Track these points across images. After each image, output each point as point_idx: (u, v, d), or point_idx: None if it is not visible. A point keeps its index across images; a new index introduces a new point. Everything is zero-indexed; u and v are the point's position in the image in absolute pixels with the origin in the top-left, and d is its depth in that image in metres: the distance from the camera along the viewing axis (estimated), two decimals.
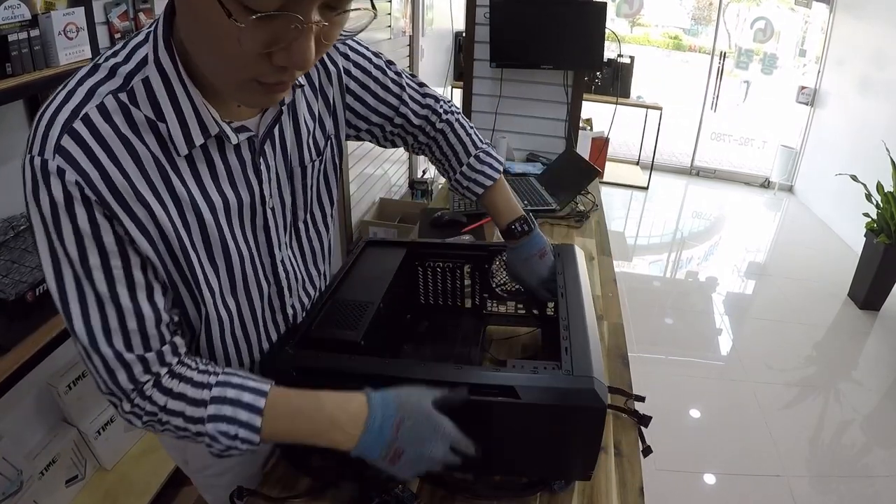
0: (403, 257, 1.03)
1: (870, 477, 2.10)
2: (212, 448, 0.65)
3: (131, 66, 0.57)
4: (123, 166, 0.56)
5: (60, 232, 0.55)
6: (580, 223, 1.84)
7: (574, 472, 0.77)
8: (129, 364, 0.61)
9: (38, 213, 0.55)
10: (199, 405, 0.63)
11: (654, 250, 4.15)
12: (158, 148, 0.59)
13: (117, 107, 0.56)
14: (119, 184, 0.56)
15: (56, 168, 0.53)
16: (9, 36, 0.94)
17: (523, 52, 2.26)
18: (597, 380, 0.69)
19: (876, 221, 3.16)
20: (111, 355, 0.60)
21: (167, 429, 0.65)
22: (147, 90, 0.57)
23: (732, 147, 6.27)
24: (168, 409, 0.64)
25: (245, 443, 0.64)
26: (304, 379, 0.72)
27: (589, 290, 0.92)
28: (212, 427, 0.63)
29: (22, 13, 0.96)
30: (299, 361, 0.75)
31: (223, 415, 0.63)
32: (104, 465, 1.45)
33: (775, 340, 2.95)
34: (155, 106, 0.57)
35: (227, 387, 0.65)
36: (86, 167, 0.54)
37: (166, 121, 0.58)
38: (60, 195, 0.54)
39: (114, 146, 0.56)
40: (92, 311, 0.58)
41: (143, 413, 0.64)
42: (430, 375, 0.71)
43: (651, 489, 0.92)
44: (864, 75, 4.34)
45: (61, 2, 1.04)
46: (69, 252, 0.56)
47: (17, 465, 1.19)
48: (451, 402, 0.68)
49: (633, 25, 9.85)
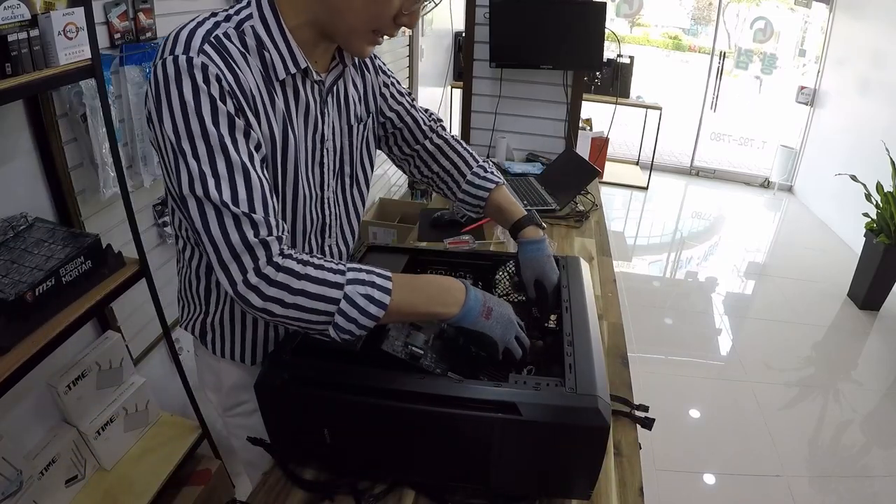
0: (405, 264, 1.02)
1: (869, 477, 2.10)
2: (337, 320, 0.70)
3: (241, 16, 0.74)
4: (246, 75, 0.71)
5: (200, 109, 0.66)
6: (580, 223, 1.84)
7: (574, 491, 0.76)
8: (257, 223, 0.68)
9: (178, 98, 0.66)
10: (338, 273, 0.70)
11: (654, 250, 4.16)
12: (264, 71, 0.74)
13: (237, 36, 0.72)
14: (245, 85, 0.71)
15: (200, 63, 0.67)
16: (8, 36, 0.94)
17: (523, 52, 2.27)
18: (600, 398, 0.68)
19: (876, 221, 3.16)
20: (242, 213, 0.67)
21: (296, 301, 0.68)
22: (254, 32, 0.73)
23: (732, 147, 6.28)
24: (308, 275, 0.69)
25: (377, 306, 0.70)
26: (299, 388, 0.72)
27: (594, 304, 0.91)
28: (351, 289, 0.70)
29: (21, 13, 0.96)
30: (295, 370, 0.74)
31: (361, 279, 0.71)
32: (104, 465, 1.45)
33: (775, 340, 2.95)
34: (260, 42, 0.73)
35: (356, 264, 0.74)
36: (222, 67, 0.68)
37: (269, 50, 0.73)
38: (202, 81, 0.66)
39: (238, 61, 0.71)
40: (221, 174, 0.67)
41: (272, 283, 0.67)
42: (429, 389, 0.70)
43: (651, 489, 0.92)
44: (864, 75, 4.34)
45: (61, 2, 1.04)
46: (206, 125, 0.66)
47: (17, 465, 1.19)
48: None
49: (632, 25, 9.86)
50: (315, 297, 0.68)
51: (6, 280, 1.04)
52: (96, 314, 1.36)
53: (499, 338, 0.79)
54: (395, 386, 0.71)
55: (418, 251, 1.08)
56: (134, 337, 1.57)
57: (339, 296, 0.69)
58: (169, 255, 1.64)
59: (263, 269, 0.67)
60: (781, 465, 2.12)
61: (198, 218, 0.68)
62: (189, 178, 0.67)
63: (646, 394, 1.03)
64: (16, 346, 1.00)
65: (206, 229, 0.68)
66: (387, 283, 0.72)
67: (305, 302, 0.68)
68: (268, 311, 0.68)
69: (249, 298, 0.67)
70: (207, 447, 1.64)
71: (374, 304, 0.70)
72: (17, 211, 1.20)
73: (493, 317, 0.78)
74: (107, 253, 1.20)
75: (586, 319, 0.84)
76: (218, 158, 0.67)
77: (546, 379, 0.72)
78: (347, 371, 0.73)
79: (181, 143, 0.67)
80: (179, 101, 0.66)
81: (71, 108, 1.25)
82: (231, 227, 0.67)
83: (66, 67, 1.04)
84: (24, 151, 1.20)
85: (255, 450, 0.87)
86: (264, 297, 0.67)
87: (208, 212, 0.67)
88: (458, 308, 0.76)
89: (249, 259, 0.67)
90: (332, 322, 0.70)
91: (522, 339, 0.82)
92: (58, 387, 1.32)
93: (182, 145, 0.67)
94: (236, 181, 0.68)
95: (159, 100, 0.67)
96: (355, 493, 0.79)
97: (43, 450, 1.30)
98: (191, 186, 0.67)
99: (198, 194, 0.67)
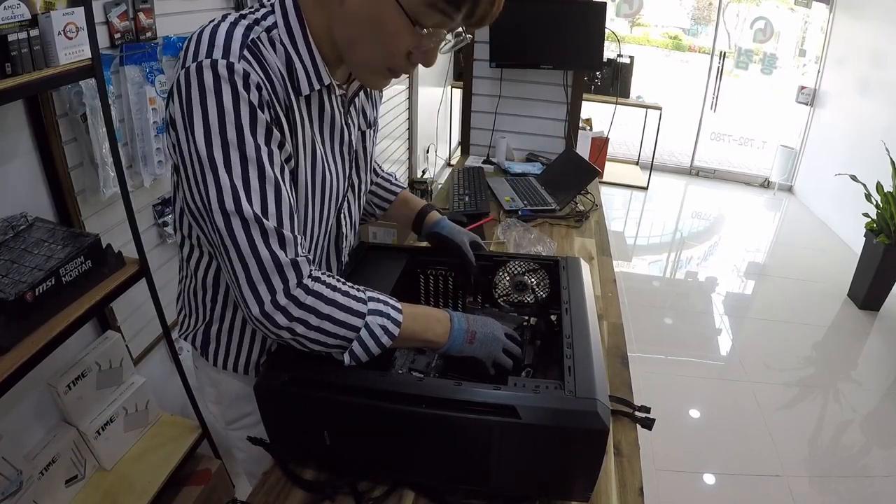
0: (405, 264, 1.02)
1: (869, 477, 2.10)
2: (354, 347, 0.71)
3: (268, 23, 0.71)
4: (280, 85, 0.69)
5: (239, 118, 0.64)
6: (580, 223, 1.84)
7: (574, 493, 0.76)
8: (286, 241, 0.67)
9: (216, 106, 0.63)
10: (361, 302, 0.72)
11: (654, 250, 4.16)
12: (291, 83, 0.72)
13: (268, 43, 0.69)
14: (280, 96, 0.69)
15: (242, 70, 0.64)
16: (8, 36, 0.94)
17: (523, 52, 2.26)
18: (599, 402, 0.68)
19: (876, 221, 3.16)
20: (272, 228, 0.66)
21: (321, 325, 0.68)
22: (281, 41, 0.71)
23: (732, 147, 6.28)
24: (334, 301, 0.69)
25: (388, 336, 0.73)
26: (299, 390, 0.72)
27: (594, 305, 0.90)
28: (371, 319, 0.72)
29: (21, 13, 0.96)
30: (295, 372, 0.74)
31: (379, 310, 0.73)
32: (104, 465, 1.45)
33: (775, 340, 2.95)
34: (287, 53, 0.71)
35: (373, 292, 0.76)
36: (261, 74, 0.66)
37: (294, 62, 0.71)
38: (243, 89, 0.64)
39: (272, 67, 0.68)
40: (254, 187, 0.65)
41: (301, 305, 0.67)
42: (427, 391, 0.70)
43: (651, 489, 0.92)
44: (864, 75, 4.34)
45: (61, 2, 1.03)
46: (244, 134, 0.64)
47: (17, 465, 1.19)
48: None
49: (632, 25, 9.85)
50: (339, 323, 0.70)
51: (6, 280, 1.04)
52: (96, 314, 1.36)
53: (484, 357, 0.81)
54: (395, 388, 0.71)
55: (418, 251, 1.08)
56: (134, 337, 1.57)
57: (360, 324, 0.71)
58: (169, 255, 1.64)
59: (293, 290, 0.67)
60: (781, 465, 2.12)
61: (226, 233, 0.66)
62: (218, 191, 0.64)
63: (646, 394, 1.03)
64: (16, 346, 1.00)
65: (235, 244, 0.66)
66: (399, 315, 0.74)
67: (329, 327, 0.69)
68: (290, 330, 0.68)
69: (276, 318, 0.67)
70: (207, 447, 1.64)
71: (387, 334, 0.73)
72: (17, 211, 1.20)
73: (476, 340, 0.80)
74: (107, 253, 1.20)
75: (586, 321, 0.84)
76: (252, 170, 0.65)
77: (545, 381, 0.72)
78: (347, 373, 0.73)
79: (213, 153, 0.64)
80: (218, 108, 0.63)
81: (71, 108, 1.25)
82: (261, 244, 0.65)
83: (66, 67, 1.04)
84: (24, 151, 1.20)
85: (256, 452, 0.87)
86: (291, 317, 0.67)
87: (237, 227, 0.65)
88: (445, 339, 0.78)
89: (279, 279, 0.66)
90: (349, 348, 0.71)
91: (511, 349, 0.83)
92: (58, 387, 1.32)
93: (213, 155, 0.64)
94: (268, 195, 0.66)
95: (191, 106, 0.64)
96: (355, 494, 0.79)
97: (43, 450, 1.30)
98: (220, 200, 0.65)
99: (228, 209, 0.65)
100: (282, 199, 0.67)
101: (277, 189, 0.67)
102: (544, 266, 1.04)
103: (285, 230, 0.67)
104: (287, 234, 0.67)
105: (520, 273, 1.05)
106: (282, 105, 0.69)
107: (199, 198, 0.68)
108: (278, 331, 0.68)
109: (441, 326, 0.79)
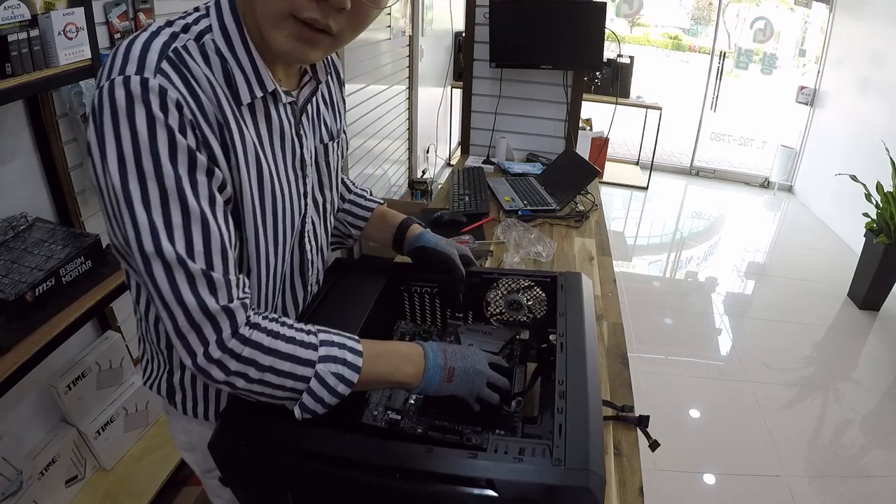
0: (385, 283, 0.92)
1: (869, 477, 2.10)
2: (304, 399, 0.63)
3: (200, 27, 0.63)
4: (210, 99, 0.61)
5: (156, 145, 0.56)
6: (580, 223, 1.84)
7: None
8: (216, 285, 0.59)
9: (128, 131, 0.55)
10: (310, 347, 0.64)
11: (654, 250, 4.16)
12: (231, 94, 0.64)
13: (198, 51, 0.61)
14: (209, 112, 0.60)
15: (158, 86, 0.56)
16: (8, 36, 0.94)
17: (523, 52, 2.26)
18: (593, 473, 0.57)
19: (876, 221, 3.16)
20: (199, 271, 0.58)
21: (262, 377, 0.61)
22: (216, 47, 0.63)
23: (732, 147, 6.28)
24: (275, 351, 0.61)
25: (345, 384, 0.64)
26: (257, 453, 0.64)
27: (594, 335, 0.80)
28: (323, 367, 0.63)
29: (22, 13, 0.96)
30: (252, 430, 0.66)
31: (333, 355, 0.64)
32: (104, 465, 1.45)
33: (775, 340, 2.95)
34: (223, 59, 0.63)
35: (327, 332, 0.67)
36: (182, 90, 0.58)
37: (232, 69, 0.63)
38: (159, 111, 0.56)
39: (201, 82, 0.60)
40: (176, 224, 0.57)
41: (238, 358, 0.60)
42: (395, 462, 0.61)
43: (651, 489, 0.92)
44: (864, 75, 4.34)
45: (61, 2, 1.04)
46: (161, 164, 0.56)
47: (17, 465, 1.19)
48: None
49: (632, 25, 9.85)
50: (284, 374, 0.62)
51: (6, 280, 1.04)
52: (96, 314, 1.36)
53: (466, 395, 0.72)
54: (360, 457, 0.62)
55: (397, 268, 0.98)
56: (134, 337, 1.57)
57: (309, 374, 0.63)
58: None
59: (228, 342, 0.59)
60: (781, 465, 2.12)
61: (147, 277, 0.58)
62: (136, 229, 0.56)
63: (646, 394, 1.03)
64: (16, 346, 1.00)
65: (158, 290, 0.58)
66: (357, 359, 0.65)
67: (273, 379, 0.62)
68: (230, 384, 0.61)
69: (210, 372, 0.60)
70: None
71: (344, 382, 0.64)
72: (17, 211, 1.20)
73: (455, 377, 0.71)
74: (107, 253, 1.20)
75: (584, 361, 0.72)
76: (172, 205, 0.57)
77: (531, 443, 0.62)
78: (303, 433, 0.64)
79: (128, 186, 0.56)
80: (131, 134, 0.55)
81: (71, 108, 1.25)
82: (187, 290, 0.58)
83: (66, 67, 1.04)
84: (24, 151, 1.20)
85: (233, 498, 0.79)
86: (228, 371, 0.60)
87: (158, 271, 0.57)
88: (418, 379, 0.70)
89: (211, 330, 0.59)
90: (299, 400, 0.64)
91: (498, 382, 0.74)
92: (58, 387, 1.32)
93: (129, 188, 0.56)
94: (193, 233, 0.58)
95: (103, 132, 0.56)
96: None
97: (43, 450, 1.30)
98: (138, 240, 0.57)
99: (147, 250, 0.57)
100: (210, 235, 0.59)
101: (204, 224, 0.59)
102: (540, 283, 0.94)
103: (215, 272, 0.59)
104: (217, 276, 0.59)
105: (514, 291, 0.95)
106: (212, 123, 0.61)
107: (120, 235, 0.61)
108: (218, 385, 0.61)
109: (412, 366, 0.70)
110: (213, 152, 0.61)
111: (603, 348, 1.19)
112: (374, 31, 2.89)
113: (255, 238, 0.69)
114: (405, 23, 3.29)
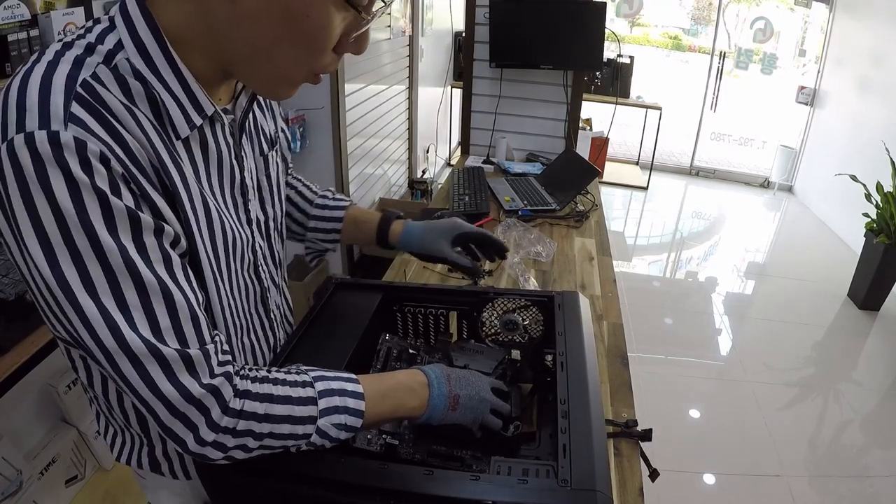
0: (378, 303, 0.89)
1: (869, 477, 2.11)
2: (303, 447, 0.59)
3: (108, 45, 0.50)
4: (139, 141, 0.50)
5: (87, 218, 0.45)
6: (580, 223, 1.84)
7: None
8: (194, 363, 0.51)
9: (47, 206, 0.44)
10: (309, 403, 0.58)
11: (654, 250, 4.16)
12: (158, 124, 0.53)
13: (112, 78, 0.49)
14: (141, 157, 0.49)
15: (73, 140, 0.44)
16: (8, 36, 0.94)
17: (523, 52, 2.26)
18: (601, 494, 0.56)
19: (875, 221, 3.17)
20: (173, 354, 0.50)
21: (262, 444, 0.56)
22: (133, 69, 0.51)
23: (732, 147, 6.28)
24: (272, 416, 0.55)
25: (347, 431, 0.60)
26: (244, 476, 0.60)
27: (594, 356, 0.78)
28: (325, 422, 0.58)
29: (22, 13, 0.97)
30: None
31: (334, 405, 0.59)
32: (104, 466, 1.45)
33: (775, 340, 2.95)
34: (144, 83, 0.51)
35: (324, 379, 0.60)
36: (104, 137, 0.46)
37: (160, 95, 0.52)
38: (82, 172, 0.44)
39: (122, 117, 0.49)
40: (133, 305, 0.48)
41: (234, 433, 0.54)
42: (393, 485, 0.58)
43: (651, 489, 0.92)
44: (864, 75, 4.34)
45: (61, 2, 1.04)
46: (98, 239, 0.45)
47: (17, 465, 1.19)
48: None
49: (632, 25, 9.86)
50: (284, 437, 0.57)
51: (6, 280, 1.05)
52: None
53: (470, 423, 0.68)
54: (353, 479, 0.60)
55: (391, 288, 0.94)
56: None
57: (311, 431, 0.58)
58: None
59: (220, 421, 0.53)
60: (781, 465, 2.12)
61: (112, 372, 0.49)
62: (86, 325, 0.47)
63: (646, 394, 1.03)
64: (16, 346, 1.01)
65: (130, 386, 0.49)
66: (359, 404, 0.60)
67: (272, 442, 0.57)
68: (229, 459, 0.56)
69: (206, 454, 0.54)
70: None
71: (346, 430, 0.60)
72: None
73: (460, 406, 0.67)
74: None
75: (585, 381, 0.71)
76: (124, 284, 0.47)
77: (535, 464, 0.61)
78: (299, 458, 0.62)
79: (62, 274, 0.45)
80: (51, 209, 0.44)
81: None
82: (163, 381, 0.49)
83: None
84: None
85: None
86: (225, 449, 0.54)
87: (126, 367, 0.48)
88: (423, 410, 0.66)
89: (197, 414, 0.51)
90: (300, 447, 0.60)
91: (500, 408, 0.71)
92: (57, 387, 1.32)
93: (64, 276, 0.45)
94: (156, 310, 0.49)
95: (12, 211, 0.44)
96: None
97: (43, 450, 1.30)
98: (93, 336, 0.47)
99: (108, 346, 0.47)
100: (175, 306, 0.50)
101: (166, 295, 0.50)
102: (537, 303, 0.91)
103: (191, 348, 0.51)
104: (194, 352, 0.51)
105: (510, 310, 0.92)
106: (146, 169, 0.50)
107: (63, 331, 0.52)
108: (217, 462, 0.56)
109: (416, 399, 0.66)
110: (155, 206, 0.51)
111: (603, 348, 1.19)
112: (374, 31, 2.89)
113: (215, 285, 0.62)
114: (405, 23, 3.29)
